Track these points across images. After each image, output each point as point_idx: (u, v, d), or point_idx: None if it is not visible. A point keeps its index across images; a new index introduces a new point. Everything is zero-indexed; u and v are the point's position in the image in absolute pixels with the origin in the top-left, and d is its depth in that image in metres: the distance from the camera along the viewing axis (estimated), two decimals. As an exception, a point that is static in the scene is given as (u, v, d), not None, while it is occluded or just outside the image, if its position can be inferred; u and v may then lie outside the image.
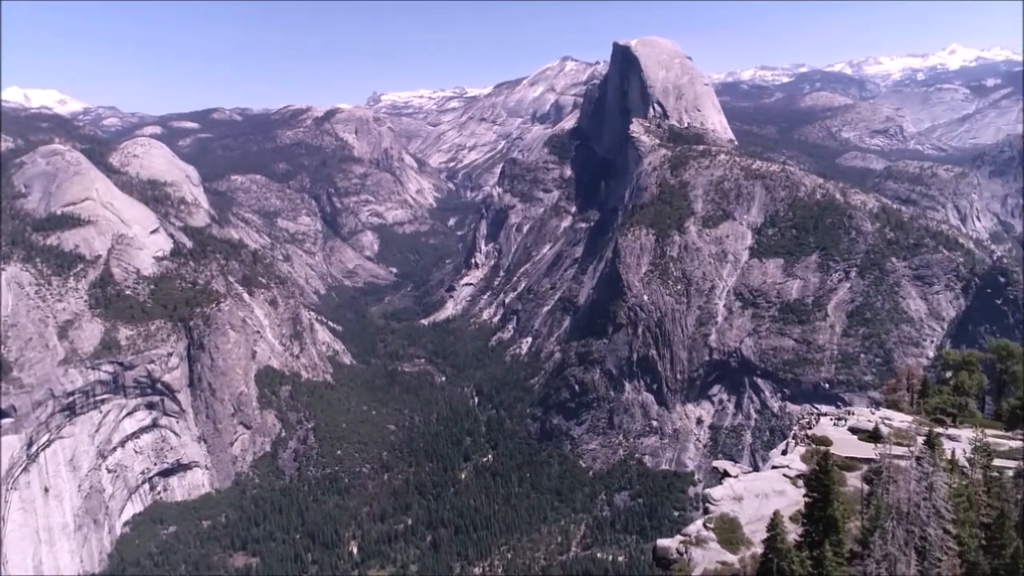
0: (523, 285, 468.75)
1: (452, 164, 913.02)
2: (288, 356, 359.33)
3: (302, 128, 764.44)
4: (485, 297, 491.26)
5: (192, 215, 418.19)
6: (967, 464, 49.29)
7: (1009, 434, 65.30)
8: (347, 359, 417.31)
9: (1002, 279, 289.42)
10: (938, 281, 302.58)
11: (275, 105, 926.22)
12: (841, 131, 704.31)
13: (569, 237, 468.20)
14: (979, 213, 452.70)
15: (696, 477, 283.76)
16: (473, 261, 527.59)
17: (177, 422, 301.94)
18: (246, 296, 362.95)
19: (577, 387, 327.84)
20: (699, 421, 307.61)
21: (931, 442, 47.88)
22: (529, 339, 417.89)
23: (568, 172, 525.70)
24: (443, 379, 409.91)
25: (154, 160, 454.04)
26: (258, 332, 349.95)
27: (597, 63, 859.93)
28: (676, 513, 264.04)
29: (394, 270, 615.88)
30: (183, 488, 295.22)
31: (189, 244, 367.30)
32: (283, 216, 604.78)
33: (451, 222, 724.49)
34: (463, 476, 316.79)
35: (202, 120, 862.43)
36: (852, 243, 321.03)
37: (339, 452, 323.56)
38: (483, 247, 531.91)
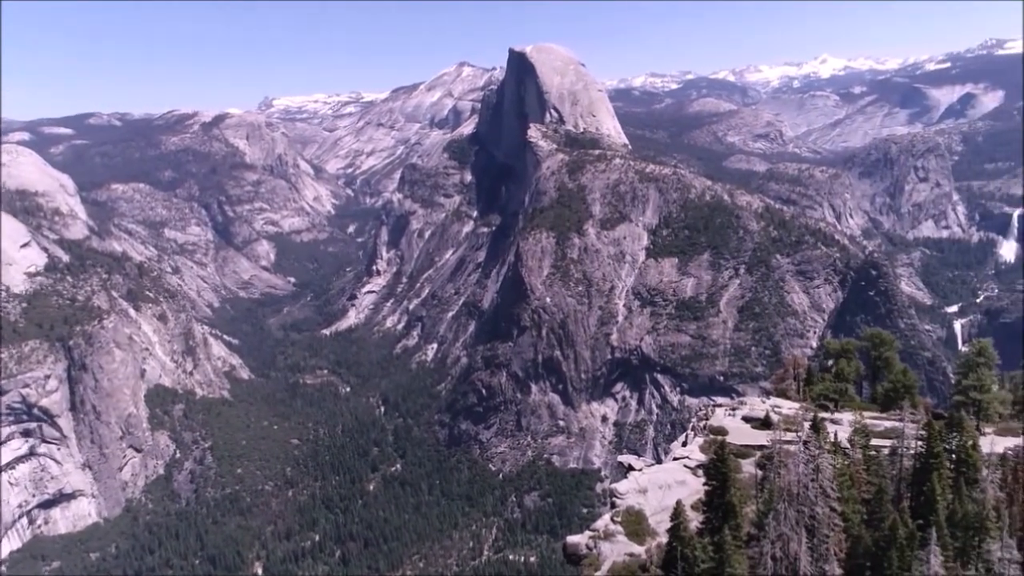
0: (427, 291, 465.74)
1: (350, 170, 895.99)
2: (181, 373, 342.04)
3: (189, 134, 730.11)
4: (388, 304, 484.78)
5: (68, 227, 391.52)
6: (848, 445, 52.80)
7: (884, 415, 70.36)
8: (245, 373, 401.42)
9: (874, 272, 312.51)
10: (818, 276, 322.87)
11: (158, 110, 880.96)
12: (727, 135, 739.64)
13: (472, 242, 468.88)
14: (851, 211, 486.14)
15: (603, 473, 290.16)
16: (375, 268, 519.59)
17: (58, 449, 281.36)
18: (132, 312, 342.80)
19: (484, 391, 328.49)
20: (604, 419, 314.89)
21: (816, 426, 51.05)
22: (435, 345, 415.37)
23: (468, 177, 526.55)
24: (347, 390, 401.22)
25: (23, 168, 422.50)
26: (147, 349, 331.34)
27: (494, 69, 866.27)
28: (585, 510, 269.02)
29: (292, 280, 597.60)
30: (67, 520, 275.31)
31: (66, 258, 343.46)
32: (171, 226, 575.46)
33: (351, 229, 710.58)
34: (371, 487, 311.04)
35: (77, 126, 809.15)
36: (740, 242, 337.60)
37: (239, 470, 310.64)
38: (385, 254, 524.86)
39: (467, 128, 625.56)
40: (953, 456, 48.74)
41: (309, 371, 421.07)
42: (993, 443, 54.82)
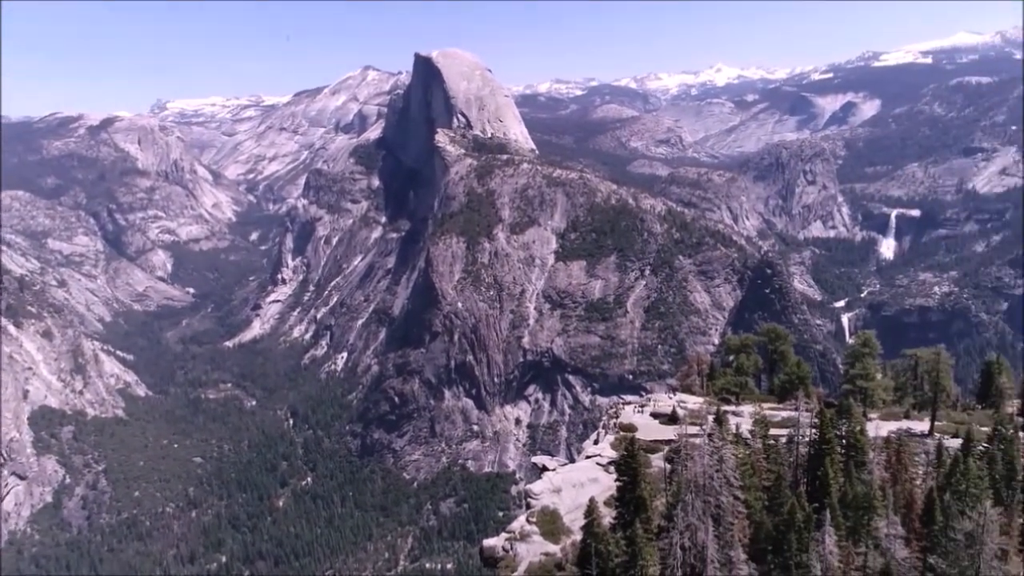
0: (335, 299, 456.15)
1: (251, 176, 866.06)
2: (69, 393, 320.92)
3: (73, 138, 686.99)
4: (295, 314, 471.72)
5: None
6: (749, 436, 55.34)
7: (781, 406, 74.15)
8: (141, 390, 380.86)
9: (769, 271, 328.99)
10: (718, 275, 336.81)
11: (38, 112, 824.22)
12: (630, 141, 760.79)
13: (380, 248, 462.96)
14: (747, 213, 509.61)
15: (518, 476, 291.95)
16: (280, 277, 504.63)
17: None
18: (12, 329, 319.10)
19: (397, 399, 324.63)
20: (518, 421, 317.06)
21: (719, 419, 53.21)
22: (344, 354, 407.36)
23: (376, 182, 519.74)
24: (253, 403, 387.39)
25: None
26: (30, 369, 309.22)
27: (400, 73, 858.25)
28: (501, 513, 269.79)
29: (191, 290, 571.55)
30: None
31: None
32: (55, 236, 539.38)
33: (253, 237, 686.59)
34: (281, 503, 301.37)
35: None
36: (645, 244, 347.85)
37: (137, 493, 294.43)
38: (290, 262, 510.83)
39: (374, 133, 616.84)
40: (843, 441, 51.92)
41: (211, 385, 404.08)
42: (878, 427, 58.78)
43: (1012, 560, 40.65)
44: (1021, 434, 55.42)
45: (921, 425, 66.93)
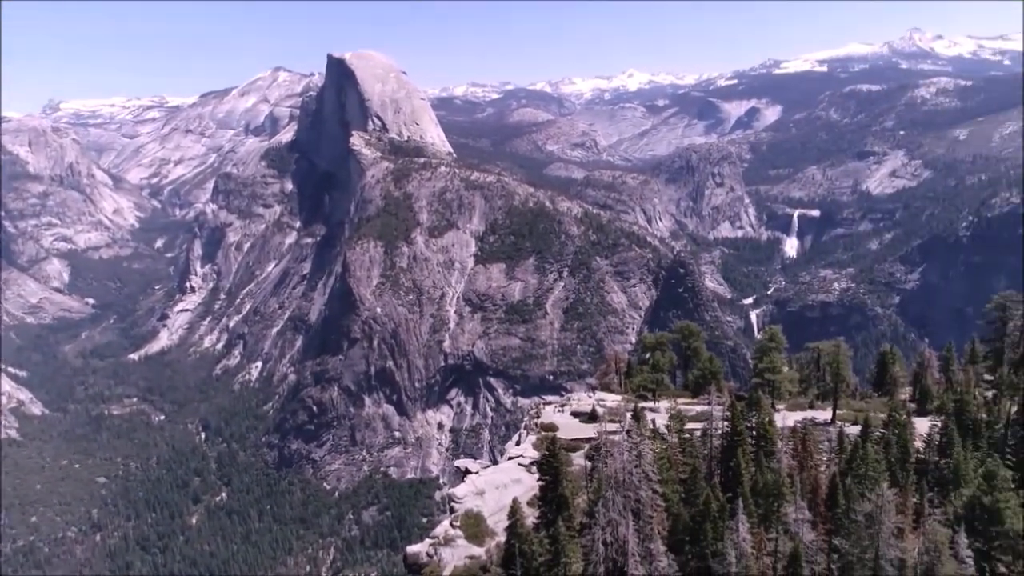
0: (248, 307, 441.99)
1: (156, 180, 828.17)
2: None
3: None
4: (206, 323, 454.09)
5: None
6: (666, 430, 56.94)
7: (695, 400, 76.69)
8: (37, 408, 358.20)
9: (682, 270, 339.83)
10: (634, 275, 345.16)
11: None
12: (546, 144, 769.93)
13: (295, 253, 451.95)
14: (660, 215, 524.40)
15: (441, 481, 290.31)
16: (188, 285, 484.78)
17: None
18: None
19: (315, 408, 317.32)
20: (440, 426, 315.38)
21: (637, 416, 54.59)
22: (259, 363, 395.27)
23: (289, 186, 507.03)
24: (162, 417, 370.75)
25: None
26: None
27: (312, 74, 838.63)
28: (425, 519, 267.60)
29: (91, 301, 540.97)
30: None
31: None
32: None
33: (159, 244, 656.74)
34: (194, 521, 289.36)
35: None
36: (563, 246, 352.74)
37: (34, 519, 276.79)
38: (199, 269, 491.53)
39: (286, 135, 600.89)
40: (754, 433, 54.12)
41: (115, 400, 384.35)
42: (785, 418, 61.53)
43: (907, 537, 43.33)
44: (913, 419, 59.26)
45: (824, 414, 70.55)
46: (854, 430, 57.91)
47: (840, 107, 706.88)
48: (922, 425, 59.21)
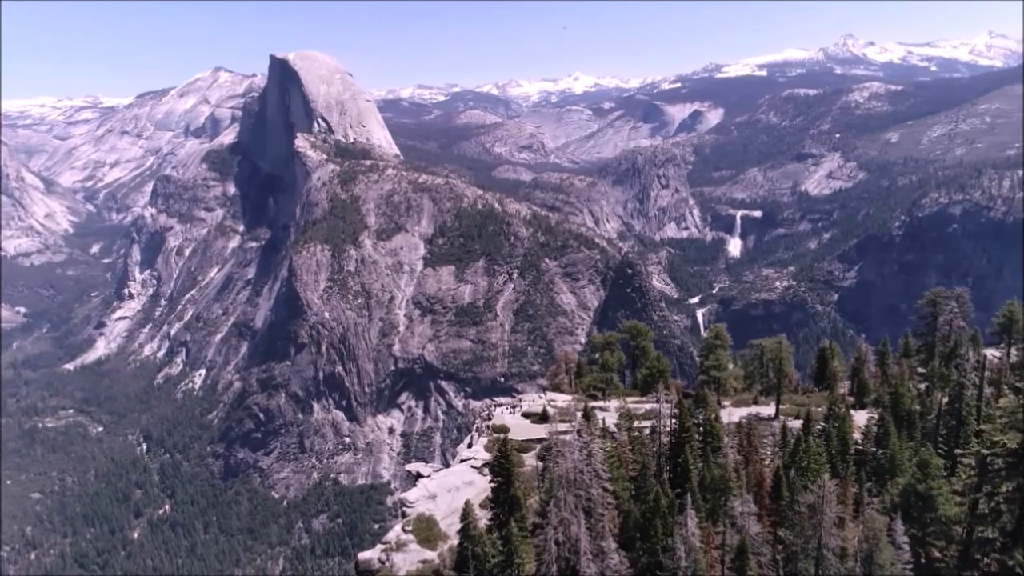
0: (190, 313, 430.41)
1: (90, 183, 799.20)
2: None
3: None
4: (146, 331, 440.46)
5: None
6: (615, 429, 57.61)
7: (644, 399, 77.73)
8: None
9: (629, 271, 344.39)
10: (583, 276, 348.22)
11: None
12: (494, 146, 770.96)
13: (239, 258, 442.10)
14: (608, 216, 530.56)
15: (393, 486, 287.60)
16: (127, 291, 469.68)
17: None
18: None
19: (262, 415, 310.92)
20: (391, 430, 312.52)
21: (587, 415, 55.10)
22: (203, 371, 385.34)
23: (232, 189, 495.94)
24: (100, 429, 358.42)
25: None
26: None
27: (255, 75, 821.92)
28: (377, 525, 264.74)
29: (22, 310, 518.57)
30: None
31: None
32: None
33: (95, 249, 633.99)
34: (136, 535, 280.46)
35: None
36: (512, 248, 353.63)
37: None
38: (138, 275, 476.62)
39: (228, 137, 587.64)
40: (701, 429, 55.21)
41: (50, 413, 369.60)
42: (731, 414, 63.05)
43: (848, 526, 44.84)
44: (852, 412, 61.33)
45: (768, 409, 72.45)
46: (796, 424, 59.55)
47: (779, 110, 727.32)
48: (860, 417, 61.37)
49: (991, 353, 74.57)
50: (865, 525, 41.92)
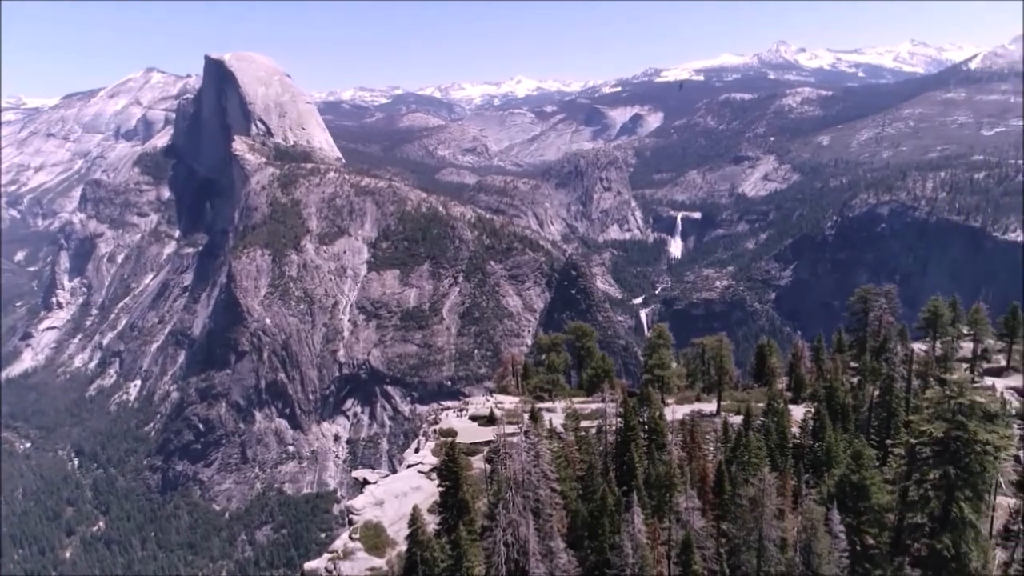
0: (124, 322, 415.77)
1: (13, 188, 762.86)
2: None
3: None
4: (76, 341, 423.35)
5: None
6: (562, 429, 58.06)
7: (590, 399, 78.54)
8: None
9: (574, 273, 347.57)
10: (528, 279, 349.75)
11: None
12: (437, 149, 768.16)
13: (175, 264, 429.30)
14: (552, 218, 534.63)
15: (339, 494, 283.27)
16: (55, 300, 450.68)
17: None
18: None
19: (202, 426, 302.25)
20: (336, 438, 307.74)
21: (534, 417, 55.39)
22: (138, 382, 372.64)
23: (167, 193, 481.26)
24: (27, 445, 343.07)
25: None
26: None
27: (189, 76, 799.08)
28: (323, 535, 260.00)
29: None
30: None
31: None
32: None
33: (19, 257, 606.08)
34: (68, 554, 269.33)
35: None
36: (457, 251, 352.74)
37: None
38: (67, 283, 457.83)
39: (161, 140, 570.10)
40: (646, 427, 56.07)
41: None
42: (674, 411, 64.18)
43: (788, 518, 46.18)
44: (790, 407, 63.23)
45: (710, 406, 74.04)
46: (737, 420, 60.98)
47: (716, 114, 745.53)
48: (798, 412, 63.30)
49: (918, 347, 77.88)
50: (803, 516, 43.21)
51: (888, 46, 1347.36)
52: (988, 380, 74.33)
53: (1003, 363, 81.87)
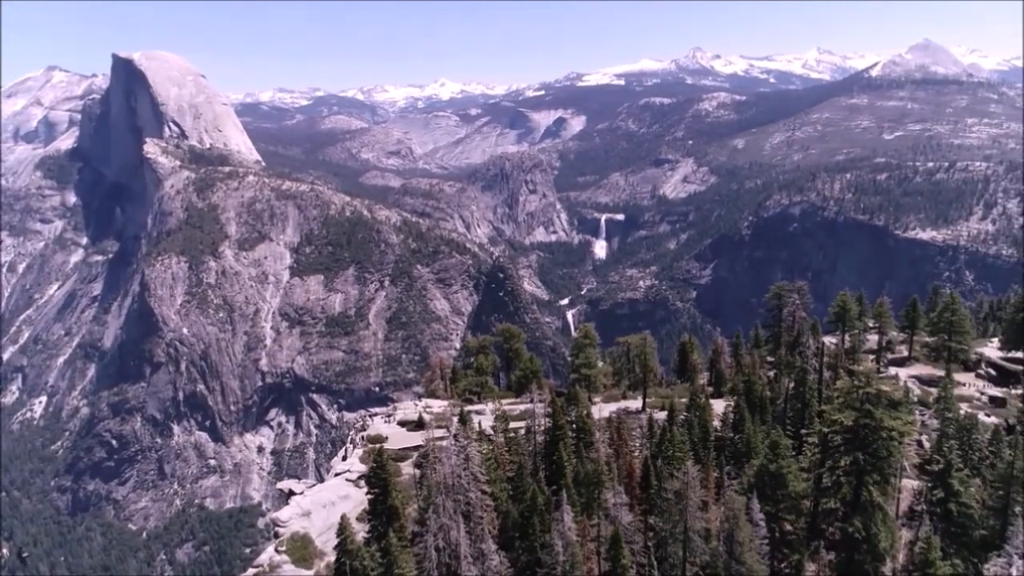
0: (26, 335, 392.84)
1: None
2: None
3: None
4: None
5: None
6: (492, 431, 58.14)
7: (519, 400, 78.95)
8: None
9: (501, 275, 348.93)
10: (456, 282, 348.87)
11: None
12: (361, 152, 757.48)
13: (83, 273, 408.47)
14: (478, 221, 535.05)
15: (264, 507, 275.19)
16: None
17: None
18: None
19: (115, 442, 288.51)
20: (260, 449, 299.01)
21: (463, 419, 55.26)
22: (43, 398, 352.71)
23: (73, 198, 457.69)
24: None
25: None
26: None
27: (95, 75, 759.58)
28: (248, 550, 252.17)
29: None
30: None
31: None
32: None
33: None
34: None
35: None
36: (383, 255, 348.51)
37: None
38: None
39: (66, 142, 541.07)
40: (574, 426, 56.75)
41: None
42: (601, 409, 65.20)
43: (711, 509, 47.66)
44: (711, 401, 65.23)
45: (636, 403, 75.53)
46: (662, 415, 62.43)
47: (637, 118, 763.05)
48: (719, 406, 65.33)
49: (829, 340, 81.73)
50: (726, 506, 44.66)
51: (797, 53, 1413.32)
52: (892, 370, 78.81)
53: (905, 353, 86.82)
